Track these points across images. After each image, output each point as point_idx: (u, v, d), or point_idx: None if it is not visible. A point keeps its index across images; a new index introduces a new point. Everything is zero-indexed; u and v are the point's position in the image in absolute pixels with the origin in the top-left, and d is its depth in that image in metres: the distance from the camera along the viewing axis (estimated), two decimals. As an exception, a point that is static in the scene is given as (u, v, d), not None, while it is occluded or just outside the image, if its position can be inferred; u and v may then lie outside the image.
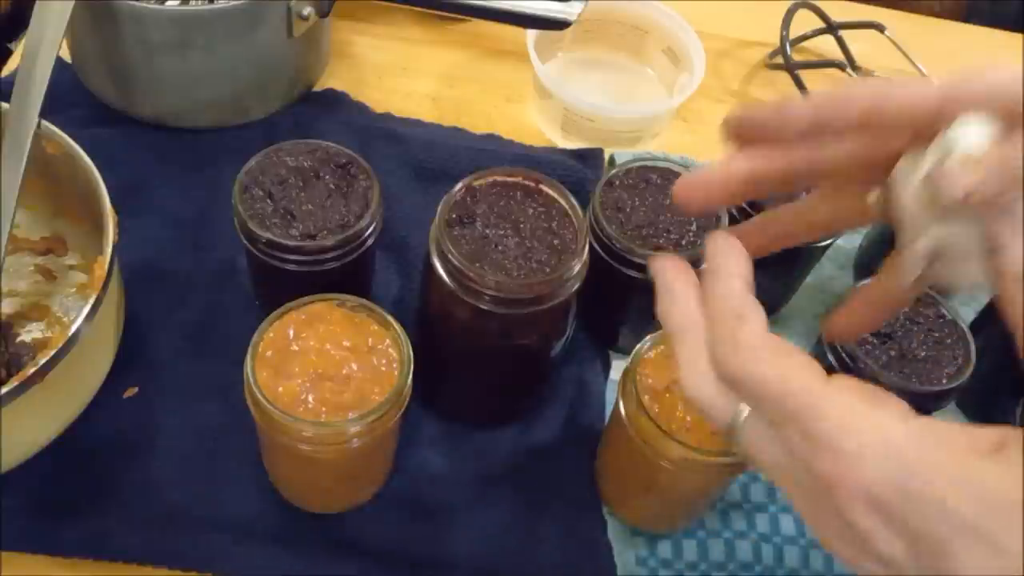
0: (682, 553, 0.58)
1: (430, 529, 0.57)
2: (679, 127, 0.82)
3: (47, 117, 0.56)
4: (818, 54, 0.88)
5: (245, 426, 0.54)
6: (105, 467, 0.56)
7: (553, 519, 0.58)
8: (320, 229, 0.55)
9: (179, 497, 0.56)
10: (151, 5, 0.66)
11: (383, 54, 0.83)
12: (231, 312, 0.63)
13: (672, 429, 0.49)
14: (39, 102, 0.55)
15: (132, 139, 0.71)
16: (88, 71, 0.72)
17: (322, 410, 0.48)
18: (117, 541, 0.54)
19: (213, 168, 0.70)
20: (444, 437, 0.61)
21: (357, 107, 0.77)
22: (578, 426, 0.62)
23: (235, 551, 0.54)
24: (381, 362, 0.50)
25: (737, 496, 0.60)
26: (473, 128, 0.77)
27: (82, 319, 0.49)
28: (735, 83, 0.87)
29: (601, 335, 0.66)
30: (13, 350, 0.59)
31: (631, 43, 0.83)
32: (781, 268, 0.65)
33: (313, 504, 0.56)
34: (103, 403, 0.56)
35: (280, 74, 0.73)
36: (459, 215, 0.53)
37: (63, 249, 0.63)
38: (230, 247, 0.65)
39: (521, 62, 0.79)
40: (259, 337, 0.50)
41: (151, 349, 0.61)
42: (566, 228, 0.54)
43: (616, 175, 0.61)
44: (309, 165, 0.57)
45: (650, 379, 0.51)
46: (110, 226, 0.52)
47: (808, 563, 0.58)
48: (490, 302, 0.51)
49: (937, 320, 0.57)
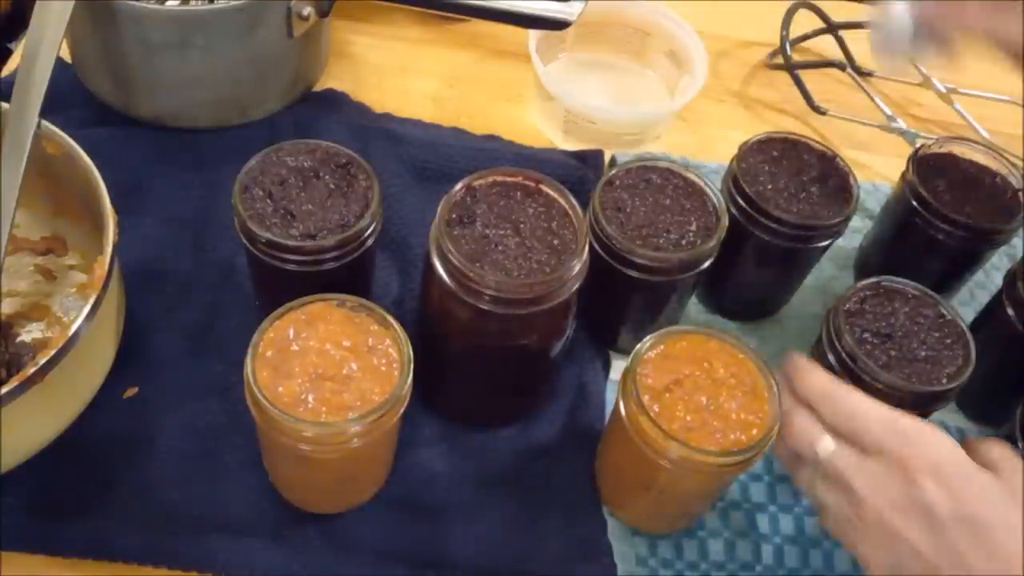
0: (682, 553, 0.58)
1: (430, 529, 0.57)
2: (679, 127, 0.82)
3: (47, 117, 0.56)
4: (818, 54, 0.88)
5: (245, 426, 0.54)
6: (105, 467, 0.56)
7: (553, 519, 0.58)
8: (320, 229, 0.55)
9: (179, 497, 0.56)
10: (151, 5, 0.66)
11: (383, 54, 0.83)
12: (231, 312, 0.63)
13: (672, 429, 0.49)
14: (39, 102, 0.55)
15: (132, 139, 0.71)
16: (88, 71, 0.72)
17: (322, 410, 0.48)
18: (117, 541, 0.53)
19: (213, 168, 0.70)
20: (444, 437, 0.61)
21: (357, 107, 0.77)
22: (578, 426, 0.62)
23: (235, 551, 0.54)
24: (381, 362, 0.50)
25: (737, 496, 0.60)
26: (473, 128, 0.77)
27: (82, 319, 0.49)
28: (735, 83, 0.87)
29: (601, 335, 0.66)
30: (13, 350, 0.59)
31: (633, 45, 0.83)
32: (781, 268, 0.66)
33: (313, 504, 0.56)
34: (103, 403, 0.56)
35: (280, 74, 0.73)
36: (459, 215, 0.53)
37: (63, 249, 0.63)
38: (230, 247, 0.65)
39: (521, 62, 0.79)
40: (259, 337, 0.50)
41: (151, 349, 0.61)
42: (566, 228, 0.54)
43: (616, 175, 0.61)
44: (309, 165, 0.57)
45: (650, 379, 0.51)
46: (110, 226, 0.52)
47: (808, 563, 0.58)
48: (490, 302, 0.51)
49: (937, 320, 0.57)
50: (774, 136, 0.64)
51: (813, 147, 0.64)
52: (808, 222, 0.60)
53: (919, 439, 0.46)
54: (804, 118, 0.83)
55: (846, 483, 0.47)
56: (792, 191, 0.62)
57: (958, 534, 0.44)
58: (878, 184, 0.78)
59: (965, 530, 0.44)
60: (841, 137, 0.82)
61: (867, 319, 0.56)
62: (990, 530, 0.43)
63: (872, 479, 0.46)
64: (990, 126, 0.82)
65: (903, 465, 0.45)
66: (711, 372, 0.52)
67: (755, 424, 0.50)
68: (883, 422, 0.47)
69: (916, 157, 0.65)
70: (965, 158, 0.67)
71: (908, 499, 0.45)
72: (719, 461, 0.49)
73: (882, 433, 0.46)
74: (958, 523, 0.44)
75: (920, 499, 0.44)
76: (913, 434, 0.46)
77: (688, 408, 0.50)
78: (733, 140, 0.65)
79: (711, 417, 0.50)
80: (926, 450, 0.45)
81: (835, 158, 0.64)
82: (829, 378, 0.50)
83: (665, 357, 0.52)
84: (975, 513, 0.44)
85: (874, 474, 0.46)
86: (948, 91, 0.84)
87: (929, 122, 0.86)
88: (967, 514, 0.44)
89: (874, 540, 0.46)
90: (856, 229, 0.73)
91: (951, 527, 0.44)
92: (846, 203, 0.62)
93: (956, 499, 0.44)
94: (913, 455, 0.45)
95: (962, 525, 0.44)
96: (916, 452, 0.45)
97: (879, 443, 0.46)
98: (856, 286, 0.57)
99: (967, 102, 0.84)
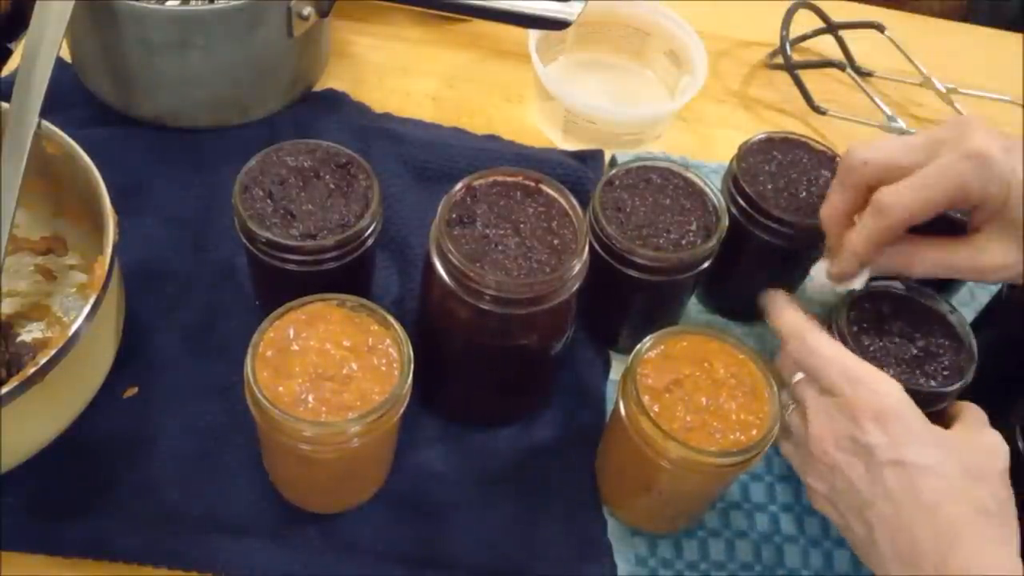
0: (682, 553, 0.58)
1: (430, 529, 0.57)
2: (679, 127, 0.82)
3: (47, 117, 0.56)
4: (818, 54, 0.88)
5: (245, 426, 0.54)
6: (105, 467, 0.56)
7: (553, 519, 0.58)
8: (320, 229, 0.55)
9: (179, 497, 0.56)
10: (151, 5, 0.66)
11: (383, 54, 0.83)
12: (231, 312, 0.63)
13: (672, 429, 0.49)
14: (39, 102, 0.55)
15: (132, 139, 0.71)
16: (88, 71, 0.72)
17: (322, 410, 0.48)
18: (117, 541, 0.53)
19: (213, 168, 0.70)
20: (444, 437, 0.61)
21: (357, 107, 0.77)
22: (578, 426, 0.62)
23: (235, 551, 0.54)
24: (381, 362, 0.50)
25: (737, 496, 0.60)
26: (473, 128, 0.77)
27: (82, 319, 0.49)
28: (735, 83, 0.87)
29: (601, 335, 0.66)
30: (13, 350, 0.59)
31: (633, 45, 0.83)
32: (781, 268, 0.65)
33: (313, 504, 0.56)
34: (103, 403, 0.56)
35: (280, 74, 0.73)
36: (459, 215, 0.53)
37: (63, 249, 0.63)
38: (230, 247, 0.65)
39: (521, 62, 0.79)
40: (259, 337, 0.50)
41: (151, 349, 0.61)
42: (566, 228, 0.54)
43: (616, 175, 0.61)
44: (309, 165, 0.57)
45: (650, 379, 0.51)
46: (110, 226, 0.52)
47: (808, 563, 0.58)
48: (490, 302, 0.51)
49: (937, 320, 0.57)
50: (774, 136, 0.64)
51: (813, 147, 0.64)
52: (808, 222, 0.60)
53: (869, 385, 0.49)
54: (804, 118, 0.83)
55: (803, 413, 0.52)
56: (792, 191, 0.62)
57: (892, 475, 0.47)
58: (878, 184, 0.78)
59: (898, 472, 0.47)
60: (841, 137, 0.82)
61: (868, 319, 0.56)
62: (920, 475, 0.47)
63: (823, 415, 0.50)
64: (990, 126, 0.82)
65: (850, 407, 0.49)
66: (711, 372, 0.52)
67: (755, 424, 0.50)
68: (839, 365, 0.50)
69: (916, 157, 0.65)
70: (965, 158, 0.67)
71: (850, 439, 0.49)
72: (719, 461, 0.49)
73: (836, 375, 0.50)
74: (893, 466, 0.48)
75: (862, 439, 0.48)
76: (865, 380, 0.50)
77: (688, 408, 0.50)
78: (733, 140, 0.65)
79: (711, 417, 0.50)
80: (874, 396, 0.49)
81: (835, 158, 0.63)
82: (801, 317, 0.54)
83: (665, 357, 0.52)
84: (908, 458, 0.47)
85: (826, 411, 0.50)
86: (948, 91, 0.84)
87: (929, 122, 0.86)
88: (900, 458, 0.47)
89: (817, 471, 0.51)
90: (856, 229, 0.73)
91: (887, 468, 0.48)
92: (846, 203, 0.62)
93: (894, 443, 0.48)
94: (860, 398, 0.49)
95: (896, 467, 0.47)
96: (863, 396, 0.49)
97: (832, 384, 0.50)
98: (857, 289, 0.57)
99: (967, 102, 0.84)
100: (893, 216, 0.52)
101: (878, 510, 0.48)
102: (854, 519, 0.49)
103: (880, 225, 0.52)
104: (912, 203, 0.51)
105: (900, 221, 0.52)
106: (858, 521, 0.49)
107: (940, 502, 0.46)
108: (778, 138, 0.64)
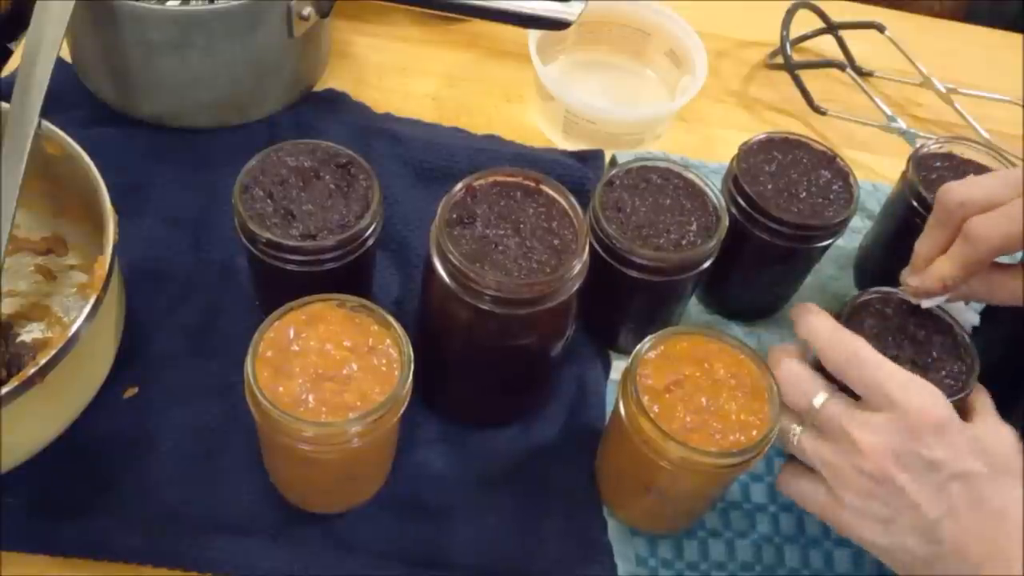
0: (682, 553, 0.58)
1: (430, 529, 0.57)
2: (679, 127, 0.82)
3: (47, 117, 0.56)
4: (818, 54, 0.88)
5: (245, 426, 0.54)
6: (105, 467, 0.56)
7: (553, 519, 0.58)
8: (320, 229, 0.55)
9: (179, 497, 0.56)
10: (151, 5, 0.66)
11: (383, 54, 0.83)
12: (231, 312, 0.63)
13: (672, 429, 0.49)
14: (39, 102, 0.55)
15: (132, 139, 0.71)
16: (88, 71, 0.72)
17: (322, 410, 0.48)
18: (117, 541, 0.53)
19: (213, 168, 0.70)
20: (444, 437, 0.61)
21: (357, 107, 0.77)
22: (578, 426, 0.62)
23: (235, 551, 0.54)
24: (381, 362, 0.50)
25: (737, 496, 0.60)
26: (473, 128, 0.77)
27: (82, 319, 0.49)
28: (735, 83, 0.87)
29: (601, 335, 0.66)
30: (13, 350, 0.59)
31: (633, 45, 0.83)
32: (781, 268, 0.65)
33: (313, 504, 0.56)
34: (103, 403, 0.56)
35: (280, 74, 0.73)
36: (459, 215, 0.53)
37: (63, 249, 0.63)
38: (230, 247, 0.65)
39: (521, 62, 0.79)
40: (259, 337, 0.50)
41: (151, 349, 0.61)
42: (566, 228, 0.54)
43: (616, 175, 0.61)
44: (309, 165, 0.57)
45: (650, 379, 0.51)
46: (110, 226, 0.52)
47: (808, 563, 0.58)
48: (490, 302, 0.51)
49: (937, 321, 0.57)
50: (774, 136, 0.64)
51: (813, 147, 0.64)
52: (808, 222, 0.60)
53: (925, 397, 0.48)
54: (804, 118, 0.83)
55: (842, 432, 0.49)
56: (792, 191, 0.62)
57: (957, 488, 0.47)
58: (878, 184, 0.78)
59: (961, 484, 0.47)
60: (841, 137, 0.82)
61: (870, 322, 0.56)
62: (981, 483, 0.47)
63: (873, 431, 0.48)
64: (990, 126, 0.82)
65: (909, 421, 0.47)
66: (711, 373, 0.52)
67: (755, 425, 0.50)
68: (898, 378, 0.49)
69: (916, 157, 0.66)
70: (965, 158, 0.67)
71: (914, 455, 0.47)
72: (719, 462, 0.49)
73: (896, 389, 0.48)
74: (956, 479, 0.47)
75: (927, 455, 0.47)
76: (922, 392, 0.48)
77: (688, 409, 0.50)
78: (733, 140, 0.65)
79: (711, 418, 0.50)
80: (933, 409, 0.48)
81: (835, 158, 0.64)
82: (844, 330, 0.52)
83: (665, 358, 0.52)
84: (970, 468, 0.47)
85: (876, 426, 0.48)
86: (948, 91, 0.84)
87: (929, 122, 0.86)
88: (965, 470, 0.47)
89: (867, 491, 0.48)
90: (856, 229, 0.73)
91: (952, 482, 0.47)
92: (846, 203, 0.62)
93: (955, 456, 0.47)
94: (921, 411, 0.47)
95: (959, 480, 0.47)
96: (923, 408, 0.48)
97: (893, 399, 0.48)
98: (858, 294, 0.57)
99: (967, 102, 0.84)
100: (983, 247, 0.51)
101: (947, 525, 0.46)
102: (915, 539, 0.47)
103: (969, 253, 0.52)
104: (1003, 236, 0.50)
105: (990, 252, 0.51)
106: (921, 540, 0.47)
107: (1006, 506, 0.46)
108: (778, 138, 0.64)
